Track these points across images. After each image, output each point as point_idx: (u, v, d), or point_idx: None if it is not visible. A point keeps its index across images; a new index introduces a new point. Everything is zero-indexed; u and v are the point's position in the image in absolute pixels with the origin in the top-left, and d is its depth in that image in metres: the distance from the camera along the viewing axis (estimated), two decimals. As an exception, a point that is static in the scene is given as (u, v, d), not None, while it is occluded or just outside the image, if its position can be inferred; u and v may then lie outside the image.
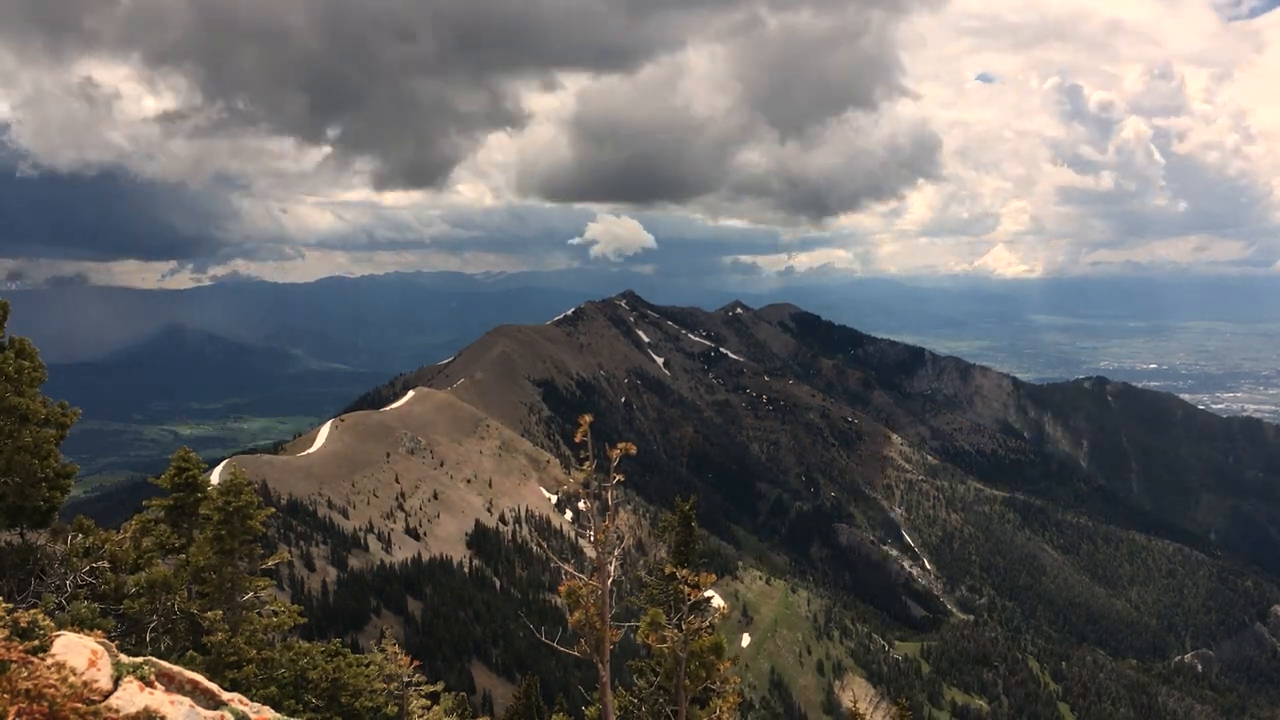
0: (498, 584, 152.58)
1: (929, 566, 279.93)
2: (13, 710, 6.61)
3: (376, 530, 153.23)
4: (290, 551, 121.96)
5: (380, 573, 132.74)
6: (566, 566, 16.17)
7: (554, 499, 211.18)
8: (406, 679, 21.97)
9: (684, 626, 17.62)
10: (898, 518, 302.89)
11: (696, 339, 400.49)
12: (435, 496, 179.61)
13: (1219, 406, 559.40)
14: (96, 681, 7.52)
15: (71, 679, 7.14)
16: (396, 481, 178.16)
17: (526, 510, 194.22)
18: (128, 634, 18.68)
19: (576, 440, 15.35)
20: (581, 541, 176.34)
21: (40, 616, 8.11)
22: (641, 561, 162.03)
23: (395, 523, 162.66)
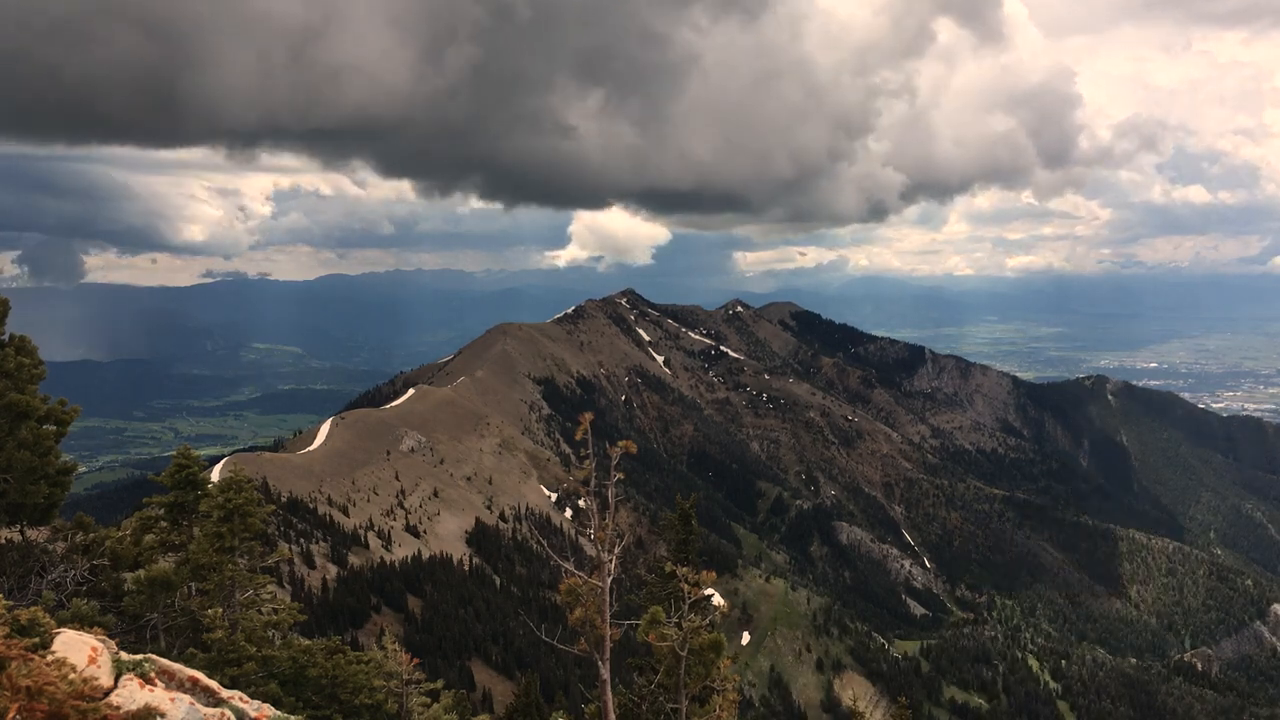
0: (498, 582, 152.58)
1: (929, 565, 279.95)
2: (13, 707, 6.61)
3: (376, 528, 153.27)
4: (290, 549, 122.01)
5: (380, 570, 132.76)
6: (567, 564, 16.17)
7: (554, 497, 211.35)
8: (406, 676, 21.99)
9: (684, 624, 17.64)
10: (897, 516, 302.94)
11: (697, 337, 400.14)
12: (435, 494, 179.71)
13: (1219, 406, 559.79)
14: (97, 679, 7.52)
15: (72, 676, 7.14)
16: (396, 479, 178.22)
17: (527, 508, 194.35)
18: (128, 631, 18.70)
19: (577, 438, 15.36)
20: (582, 539, 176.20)
21: (40, 613, 8.12)
22: (641, 559, 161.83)
23: (395, 520, 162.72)
